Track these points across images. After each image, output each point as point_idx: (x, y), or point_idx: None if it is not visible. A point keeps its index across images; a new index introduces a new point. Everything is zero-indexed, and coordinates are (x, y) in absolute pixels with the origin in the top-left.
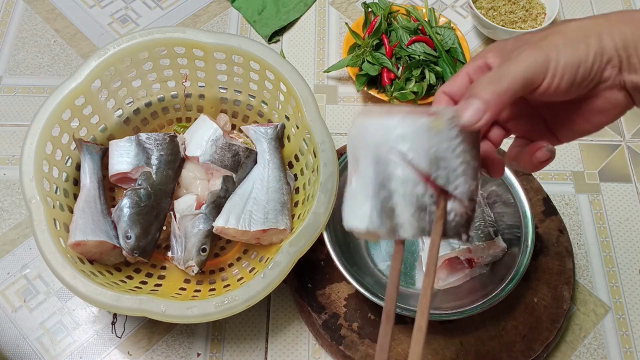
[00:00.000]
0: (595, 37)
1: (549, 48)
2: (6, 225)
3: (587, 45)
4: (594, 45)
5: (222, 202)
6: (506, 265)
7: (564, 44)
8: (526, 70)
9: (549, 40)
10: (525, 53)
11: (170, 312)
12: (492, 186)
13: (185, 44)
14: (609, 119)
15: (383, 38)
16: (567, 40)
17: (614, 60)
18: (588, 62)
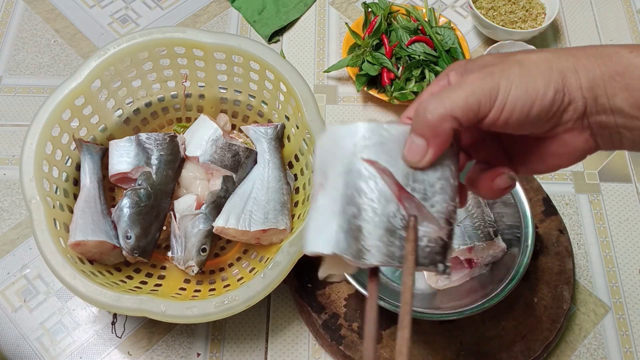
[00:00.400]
0: (558, 74)
1: (502, 77)
2: (6, 225)
3: (547, 82)
4: (555, 83)
5: (222, 202)
6: (506, 266)
7: (519, 76)
8: (468, 99)
9: (505, 68)
10: (473, 77)
11: (170, 312)
12: None
13: (185, 44)
14: (565, 163)
15: (383, 38)
16: (525, 73)
17: (577, 102)
18: (545, 101)
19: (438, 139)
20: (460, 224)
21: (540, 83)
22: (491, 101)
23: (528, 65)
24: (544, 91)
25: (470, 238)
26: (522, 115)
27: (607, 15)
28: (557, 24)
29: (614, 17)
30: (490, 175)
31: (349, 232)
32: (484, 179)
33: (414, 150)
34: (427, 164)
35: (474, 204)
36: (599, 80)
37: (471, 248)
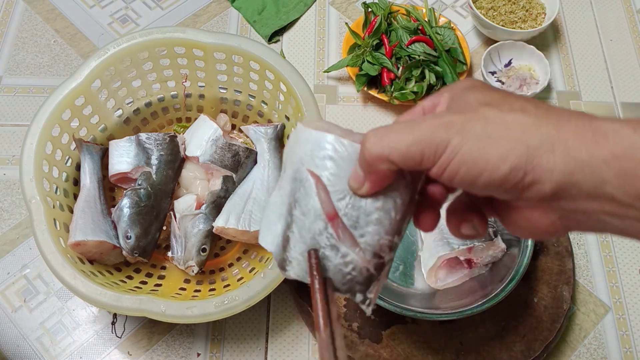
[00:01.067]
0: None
1: (458, 133)
2: (6, 225)
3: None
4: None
5: (222, 202)
6: (506, 266)
7: (476, 138)
8: (411, 147)
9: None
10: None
11: (170, 312)
12: None
13: (185, 44)
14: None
15: (383, 38)
16: (484, 136)
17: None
18: (494, 175)
19: (373, 175)
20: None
21: (496, 153)
22: (435, 156)
23: (494, 126)
24: (496, 165)
25: None
26: (466, 181)
27: (607, 15)
28: (557, 24)
29: (614, 17)
30: (459, 216)
31: (282, 239)
32: (453, 217)
33: (354, 177)
34: (365, 194)
35: None
36: (585, 165)
37: (471, 248)
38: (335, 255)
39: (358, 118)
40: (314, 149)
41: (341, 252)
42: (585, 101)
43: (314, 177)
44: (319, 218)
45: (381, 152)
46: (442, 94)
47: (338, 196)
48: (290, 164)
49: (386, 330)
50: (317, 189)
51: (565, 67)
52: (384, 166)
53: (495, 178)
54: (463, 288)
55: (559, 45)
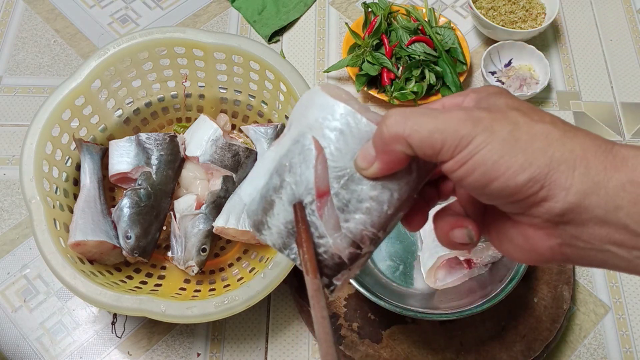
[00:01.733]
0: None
1: (484, 131)
2: (6, 225)
3: (526, 164)
4: (535, 170)
5: (222, 202)
6: (505, 266)
7: (501, 141)
8: (434, 133)
9: (496, 122)
10: (458, 113)
11: (170, 312)
12: None
13: (185, 44)
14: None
15: (383, 38)
16: (510, 140)
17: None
18: (510, 183)
19: (385, 155)
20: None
21: (517, 161)
22: (456, 149)
23: (522, 132)
24: (515, 172)
25: None
26: (479, 183)
27: (607, 15)
28: (557, 24)
29: (614, 17)
30: (451, 223)
31: (263, 200)
32: (445, 223)
33: (363, 155)
34: (371, 175)
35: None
36: (601, 187)
37: None
38: (313, 232)
39: None
40: (326, 117)
41: (318, 232)
42: (585, 101)
43: (317, 147)
44: (310, 192)
45: (401, 132)
46: (468, 94)
47: (336, 173)
48: (297, 124)
49: (386, 330)
50: (316, 161)
51: (565, 67)
52: (399, 147)
53: (510, 185)
54: (462, 288)
55: (559, 45)
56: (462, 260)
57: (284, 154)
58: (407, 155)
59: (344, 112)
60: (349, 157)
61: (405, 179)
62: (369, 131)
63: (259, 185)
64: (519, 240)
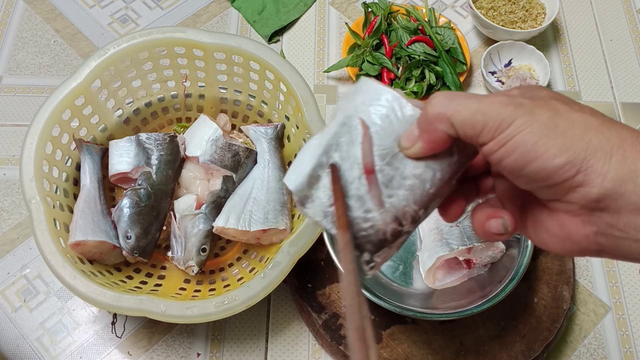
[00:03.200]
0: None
1: (525, 114)
2: (6, 225)
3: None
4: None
5: (222, 202)
6: (505, 267)
7: (542, 124)
8: (476, 114)
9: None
10: (500, 98)
11: (170, 312)
12: None
13: (185, 44)
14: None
15: (383, 38)
16: (550, 124)
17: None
18: (548, 165)
19: (428, 135)
20: (459, 224)
21: (556, 144)
22: (497, 131)
23: (562, 118)
24: (553, 154)
25: (469, 239)
26: (518, 164)
27: (607, 15)
28: (557, 24)
29: (614, 17)
30: (487, 214)
31: (310, 177)
32: (482, 214)
33: (408, 134)
34: (413, 154)
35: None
36: (637, 175)
37: (470, 249)
38: (359, 207)
39: None
40: (373, 100)
41: (365, 206)
42: (585, 101)
43: (363, 127)
44: (356, 167)
45: (445, 111)
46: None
47: (380, 152)
48: (344, 110)
49: (386, 330)
50: (363, 138)
51: (565, 67)
52: (442, 127)
53: (547, 167)
54: (462, 288)
55: (559, 45)
56: (462, 261)
57: (331, 136)
58: (449, 135)
59: (390, 97)
60: (393, 138)
61: (447, 161)
62: (412, 115)
63: (306, 170)
64: (555, 229)
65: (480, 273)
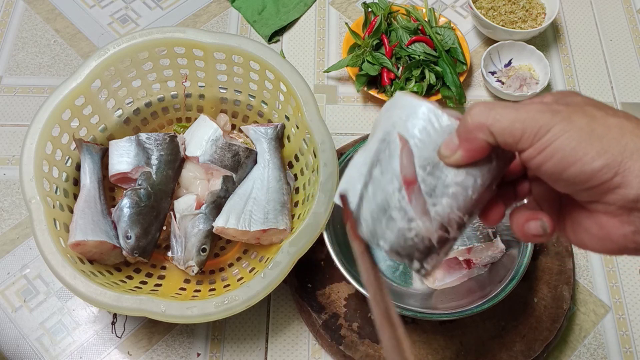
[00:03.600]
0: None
1: (562, 121)
2: (6, 225)
3: (602, 151)
4: (609, 157)
5: (222, 202)
6: (505, 267)
7: (578, 129)
8: (515, 123)
9: (573, 114)
10: (536, 106)
11: (170, 312)
12: None
13: (185, 44)
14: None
15: (383, 38)
16: (587, 129)
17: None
18: (586, 168)
19: (468, 144)
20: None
21: (594, 148)
22: (535, 137)
23: (598, 123)
24: (592, 158)
25: (469, 239)
26: (557, 169)
27: (607, 15)
28: (557, 24)
29: (614, 17)
30: (526, 216)
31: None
32: (521, 216)
33: (447, 144)
34: (454, 163)
35: None
36: None
37: (470, 249)
38: (401, 218)
39: (358, 118)
40: (410, 115)
41: (408, 216)
42: None
43: (401, 140)
44: (395, 179)
45: (484, 121)
46: (545, 96)
47: (421, 163)
48: (382, 126)
49: None
50: (401, 152)
51: (565, 67)
52: (482, 136)
53: (586, 170)
54: (461, 288)
55: (559, 45)
56: (462, 261)
57: (372, 154)
58: (489, 143)
59: (426, 109)
60: (432, 148)
61: (486, 167)
62: (449, 125)
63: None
64: (593, 229)
65: (480, 273)
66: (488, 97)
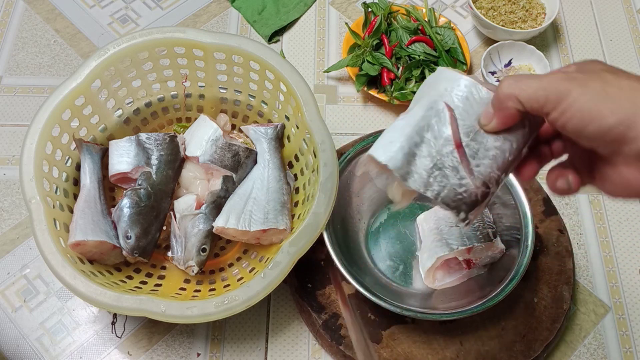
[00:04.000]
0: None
1: (579, 86)
2: (6, 225)
3: (615, 108)
4: (623, 114)
5: (222, 202)
6: (504, 267)
7: (594, 92)
8: (538, 91)
9: (588, 79)
10: (556, 75)
11: (170, 312)
12: None
13: (185, 44)
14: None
15: (383, 38)
16: (601, 92)
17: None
18: (603, 125)
19: (501, 112)
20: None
21: (608, 107)
22: (557, 102)
23: (611, 86)
24: (607, 115)
25: (469, 239)
26: (578, 127)
27: (607, 15)
28: (557, 24)
29: (614, 17)
30: (556, 173)
31: (406, 154)
32: (553, 174)
33: (485, 114)
34: (491, 130)
35: None
36: None
37: (470, 249)
38: (454, 176)
39: (358, 118)
40: (453, 87)
41: (459, 174)
42: None
43: (449, 110)
44: (449, 143)
45: (512, 92)
46: (569, 66)
47: (465, 130)
48: (428, 95)
49: (386, 330)
50: (450, 120)
51: None
52: (512, 104)
53: (603, 127)
54: (461, 288)
55: (559, 45)
56: (461, 261)
57: (420, 118)
58: (519, 111)
59: (468, 83)
60: (473, 117)
61: (520, 132)
62: (488, 97)
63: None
64: (617, 179)
65: (480, 273)
66: None
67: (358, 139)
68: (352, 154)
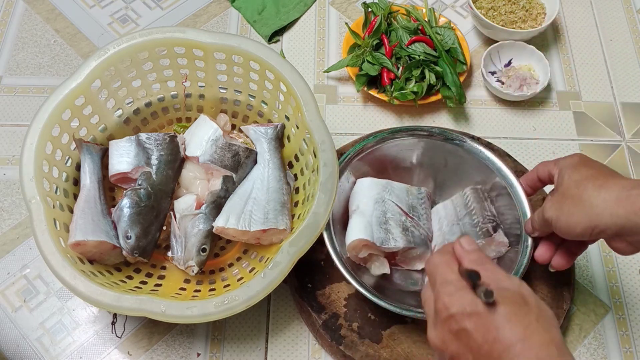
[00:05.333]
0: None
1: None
2: (6, 225)
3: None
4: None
5: (222, 202)
6: (504, 267)
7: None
8: (542, 221)
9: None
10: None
11: (170, 312)
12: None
13: (185, 44)
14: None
15: (383, 38)
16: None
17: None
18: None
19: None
20: (459, 221)
21: (574, 221)
22: (552, 224)
23: (577, 204)
24: (575, 227)
25: None
26: (565, 234)
27: (607, 15)
28: (557, 24)
29: (614, 17)
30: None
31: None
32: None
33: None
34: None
35: (474, 198)
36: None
37: None
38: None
39: (358, 118)
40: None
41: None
42: (585, 101)
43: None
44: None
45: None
46: (556, 165)
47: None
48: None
49: (386, 330)
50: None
51: (565, 67)
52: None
53: (578, 233)
54: None
55: (559, 45)
56: None
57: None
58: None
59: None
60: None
61: None
62: None
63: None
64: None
65: None
66: (488, 97)
67: (358, 139)
68: (352, 154)
